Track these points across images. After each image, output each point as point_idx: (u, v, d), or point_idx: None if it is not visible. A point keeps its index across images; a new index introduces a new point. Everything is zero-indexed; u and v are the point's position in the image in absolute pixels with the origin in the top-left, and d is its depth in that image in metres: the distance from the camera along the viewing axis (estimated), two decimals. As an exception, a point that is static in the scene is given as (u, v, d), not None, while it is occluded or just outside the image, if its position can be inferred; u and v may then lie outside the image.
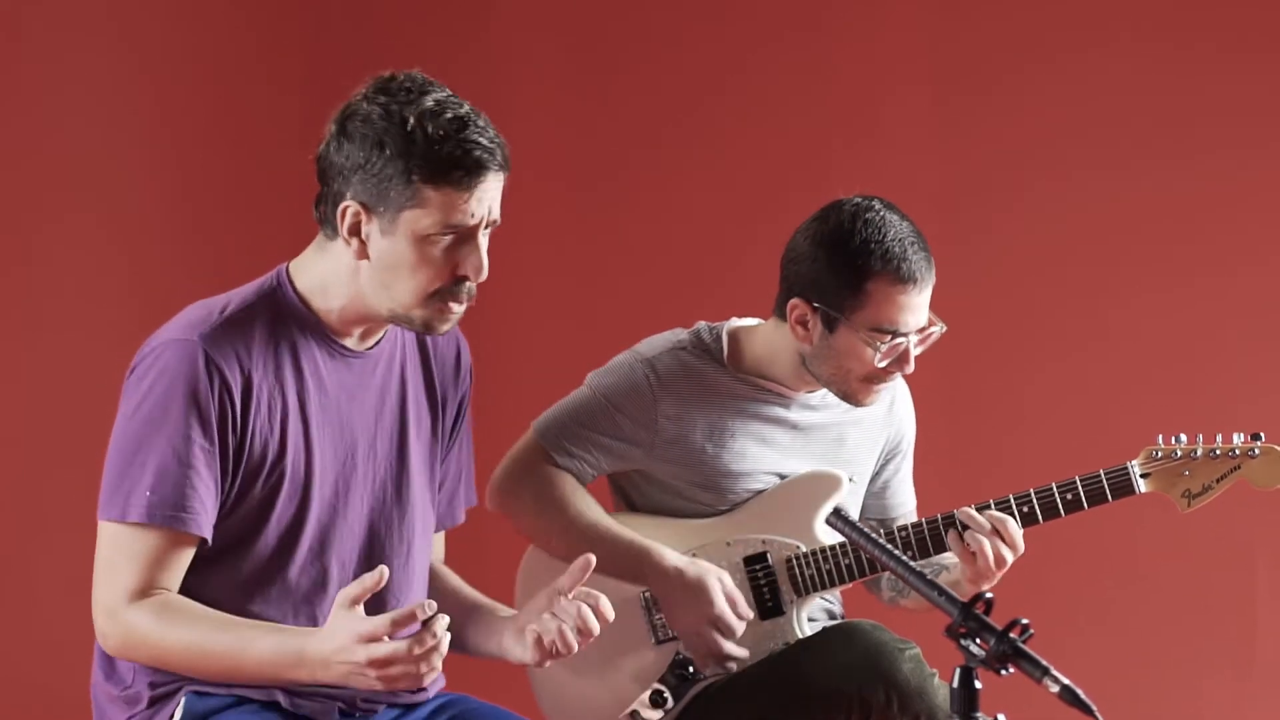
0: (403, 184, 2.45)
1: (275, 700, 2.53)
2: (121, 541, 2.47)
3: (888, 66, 4.52)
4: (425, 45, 4.41)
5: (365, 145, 2.46)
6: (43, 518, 4.16)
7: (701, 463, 3.15)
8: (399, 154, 2.45)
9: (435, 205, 2.46)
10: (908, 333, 3.05)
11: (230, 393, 2.48)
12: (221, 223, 4.31)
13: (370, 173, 2.46)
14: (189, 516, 2.45)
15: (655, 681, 3.13)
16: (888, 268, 3.02)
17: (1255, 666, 4.45)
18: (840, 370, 3.08)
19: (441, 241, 2.48)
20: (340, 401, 2.58)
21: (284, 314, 2.55)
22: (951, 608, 2.24)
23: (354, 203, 2.48)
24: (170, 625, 2.45)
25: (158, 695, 2.52)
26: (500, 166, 2.50)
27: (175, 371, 2.47)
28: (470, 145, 2.46)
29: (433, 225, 2.47)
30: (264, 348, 2.52)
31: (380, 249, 2.49)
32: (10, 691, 4.11)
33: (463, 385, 2.75)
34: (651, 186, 4.52)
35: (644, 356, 3.17)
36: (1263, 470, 3.17)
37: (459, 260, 2.50)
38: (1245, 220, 4.46)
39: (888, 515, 3.33)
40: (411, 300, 2.51)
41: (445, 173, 2.45)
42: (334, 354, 2.58)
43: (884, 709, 2.97)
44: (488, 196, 2.50)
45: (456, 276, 2.50)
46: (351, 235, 2.50)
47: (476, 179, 2.47)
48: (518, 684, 3.24)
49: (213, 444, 2.47)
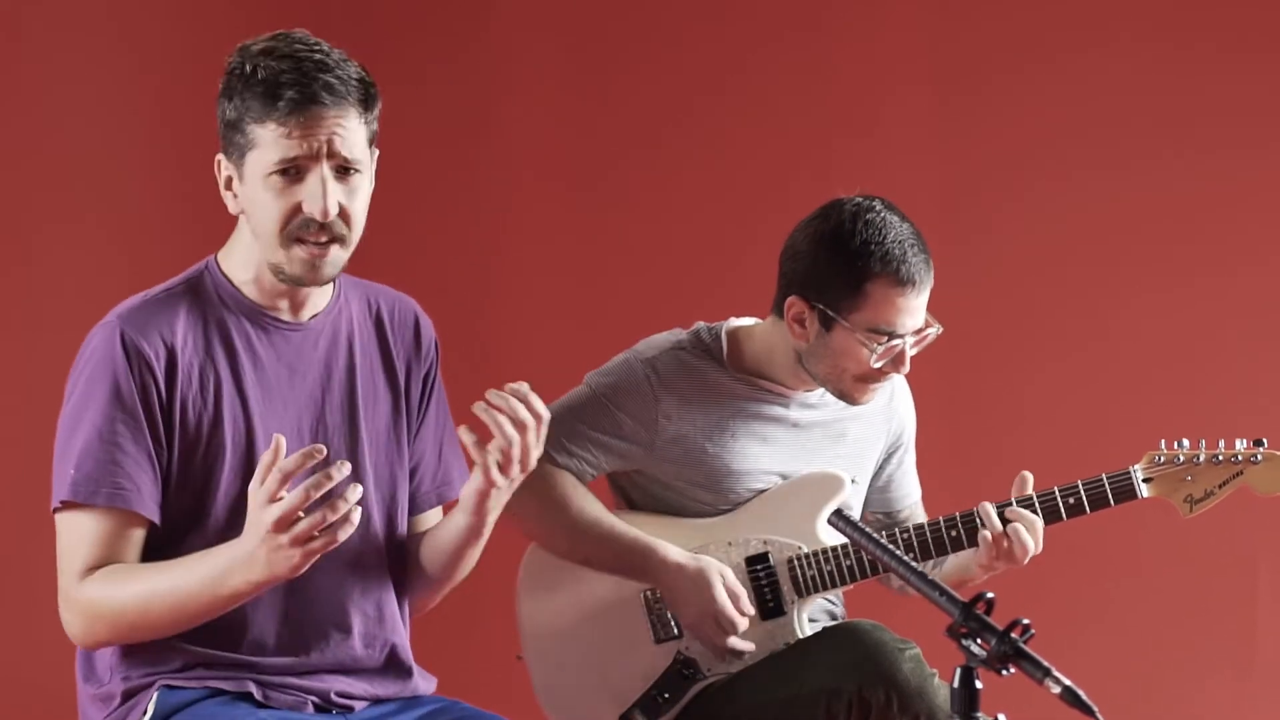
0: (240, 123, 2.50)
1: (248, 691, 2.53)
2: (67, 528, 2.51)
3: (888, 66, 4.51)
4: (425, 45, 4.41)
5: (221, 97, 2.54)
6: (43, 518, 4.15)
7: (702, 462, 3.15)
8: (237, 95, 2.50)
9: (267, 142, 2.49)
10: (904, 334, 3.05)
11: (151, 368, 2.50)
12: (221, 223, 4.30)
13: (224, 121, 2.53)
14: (119, 492, 2.47)
15: (655, 680, 3.13)
16: (887, 270, 3.02)
17: (1256, 667, 4.45)
18: (836, 369, 3.08)
19: (283, 179, 2.50)
20: (280, 375, 2.59)
21: (210, 294, 2.59)
22: (952, 607, 2.24)
23: (222, 157, 2.55)
24: (119, 584, 2.46)
25: (131, 690, 2.54)
26: (338, 98, 2.49)
27: (98, 355, 2.51)
28: (295, 75, 2.48)
29: (269, 163, 2.49)
30: (190, 325, 2.55)
31: (244, 198, 2.55)
32: (10, 691, 4.10)
33: (426, 359, 2.74)
34: (651, 186, 4.52)
35: (644, 356, 3.17)
36: (1265, 476, 3.17)
37: (302, 196, 2.50)
38: (1247, 220, 4.46)
39: (893, 508, 3.34)
40: (270, 246, 2.53)
41: (271, 105, 2.47)
42: (266, 327, 2.59)
43: (884, 709, 2.97)
44: (325, 129, 2.48)
45: (301, 214, 2.50)
46: (227, 190, 2.56)
47: (302, 110, 2.47)
48: (511, 690, 3.24)
49: (137, 420, 2.49)
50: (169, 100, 4.29)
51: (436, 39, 4.43)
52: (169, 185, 4.31)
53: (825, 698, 3.00)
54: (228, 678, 2.53)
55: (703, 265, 4.49)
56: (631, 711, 3.12)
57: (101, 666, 2.57)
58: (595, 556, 3.13)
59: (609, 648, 3.16)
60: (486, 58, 4.44)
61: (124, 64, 4.27)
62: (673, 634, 3.15)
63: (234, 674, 2.54)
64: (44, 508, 4.24)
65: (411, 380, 2.71)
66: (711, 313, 3.28)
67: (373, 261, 2.71)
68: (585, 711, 3.16)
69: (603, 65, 4.55)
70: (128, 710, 2.53)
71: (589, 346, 3.34)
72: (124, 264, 4.23)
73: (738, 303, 3.33)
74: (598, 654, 3.16)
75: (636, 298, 4.47)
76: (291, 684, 2.56)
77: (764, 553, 3.16)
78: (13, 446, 4.16)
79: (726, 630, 3.09)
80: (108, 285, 4.19)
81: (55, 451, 2.54)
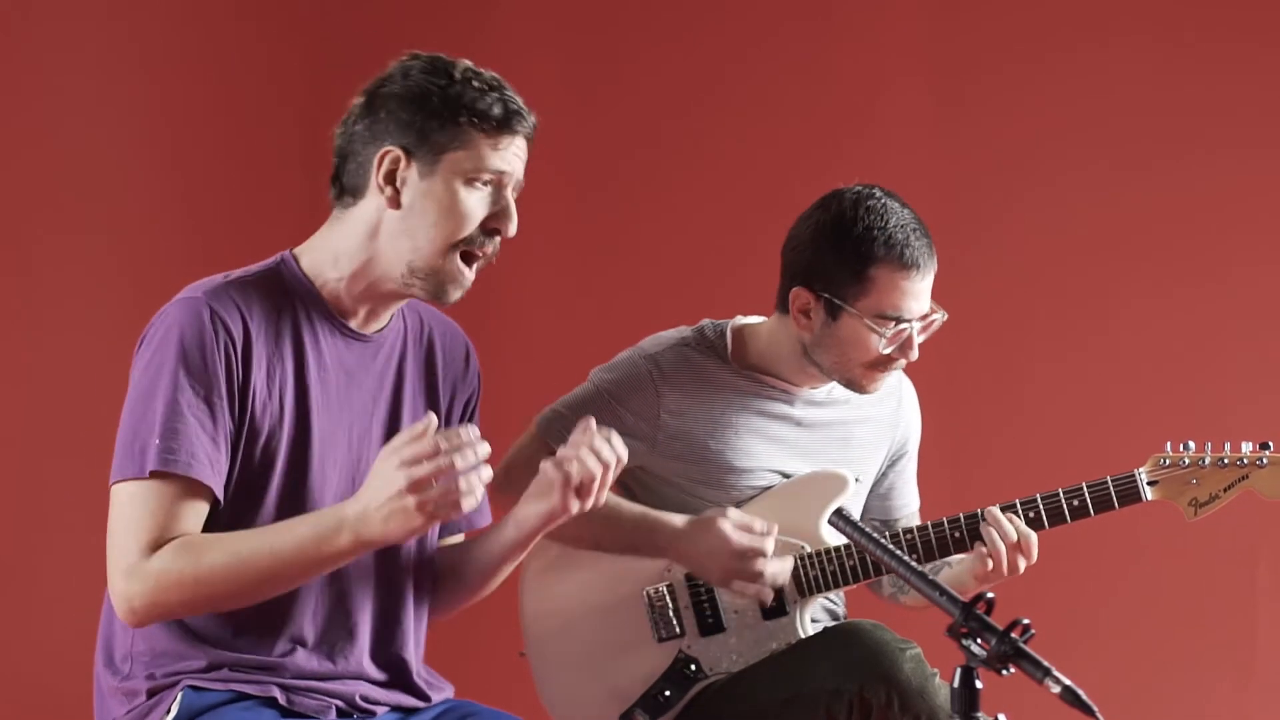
0: (449, 126, 2.51)
1: (272, 696, 2.52)
2: (135, 499, 2.44)
3: (888, 64, 4.52)
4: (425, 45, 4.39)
5: (408, 99, 2.52)
6: (43, 517, 4.16)
7: (705, 459, 3.15)
8: (446, 100, 2.51)
9: (479, 148, 2.52)
10: (911, 319, 3.06)
11: (234, 344, 2.48)
12: (221, 223, 4.31)
13: (413, 121, 2.51)
14: (195, 463, 2.44)
15: (657, 679, 3.14)
16: (891, 254, 3.02)
17: (1256, 667, 4.45)
18: (843, 358, 3.08)
19: (479, 188, 2.52)
20: (340, 381, 2.59)
21: (286, 288, 2.57)
22: (953, 608, 2.24)
23: (394, 147, 2.52)
24: (200, 553, 2.42)
25: (155, 688, 2.52)
26: (529, 134, 2.57)
27: (181, 325, 2.47)
28: (511, 98, 2.55)
29: (474, 168, 2.51)
30: (264, 315, 2.53)
31: (416, 193, 2.52)
32: (10, 691, 4.11)
33: (470, 386, 2.75)
34: (652, 185, 4.52)
35: (647, 353, 3.17)
36: (1271, 480, 3.16)
37: (492, 210, 2.54)
38: (1250, 220, 4.46)
39: (891, 516, 3.33)
40: (435, 248, 2.52)
41: (488, 116, 2.51)
42: (335, 331, 2.58)
43: (885, 709, 2.97)
44: (521, 155, 2.56)
45: (487, 228, 2.54)
46: (387, 182, 2.52)
47: (517, 129, 2.54)
48: (512, 688, 3.24)
49: (219, 396, 2.47)
50: (169, 100, 4.30)
51: (436, 39, 4.42)
52: (169, 185, 4.31)
53: (826, 698, 3.00)
54: (253, 681, 2.52)
55: (704, 263, 4.49)
56: (633, 710, 3.12)
57: (120, 655, 2.54)
58: (604, 537, 3.13)
59: (611, 646, 3.16)
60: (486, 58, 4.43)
61: (124, 64, 4.27)
62: (675, 633, 3.15)
63: (259, 676, 2.53)
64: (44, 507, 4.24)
65: (455, 406, 2.73)
66: (714, 310, 3.28)
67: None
68: (587, 709, 3.16)
69: (603, 65, 4.55)
70: (151, 707, 2.51)
71: (590, 346, 3.34)
72: (124, 264, 4.24)
73: (739, 300, 3.33)
74: (600, 652, 3.16)
75: (637, 296, 4.47)
76: (316, 688, 2.55)
77: (767, 551, 3.16)
78: (13, 446, 4.16)
79: (754, 563, 3.06)
80: (108, 285, 4.22)
81: (126, 423, 2.48)
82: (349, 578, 2.57)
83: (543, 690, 3.20)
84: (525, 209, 2.59)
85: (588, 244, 4.51)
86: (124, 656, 2.54)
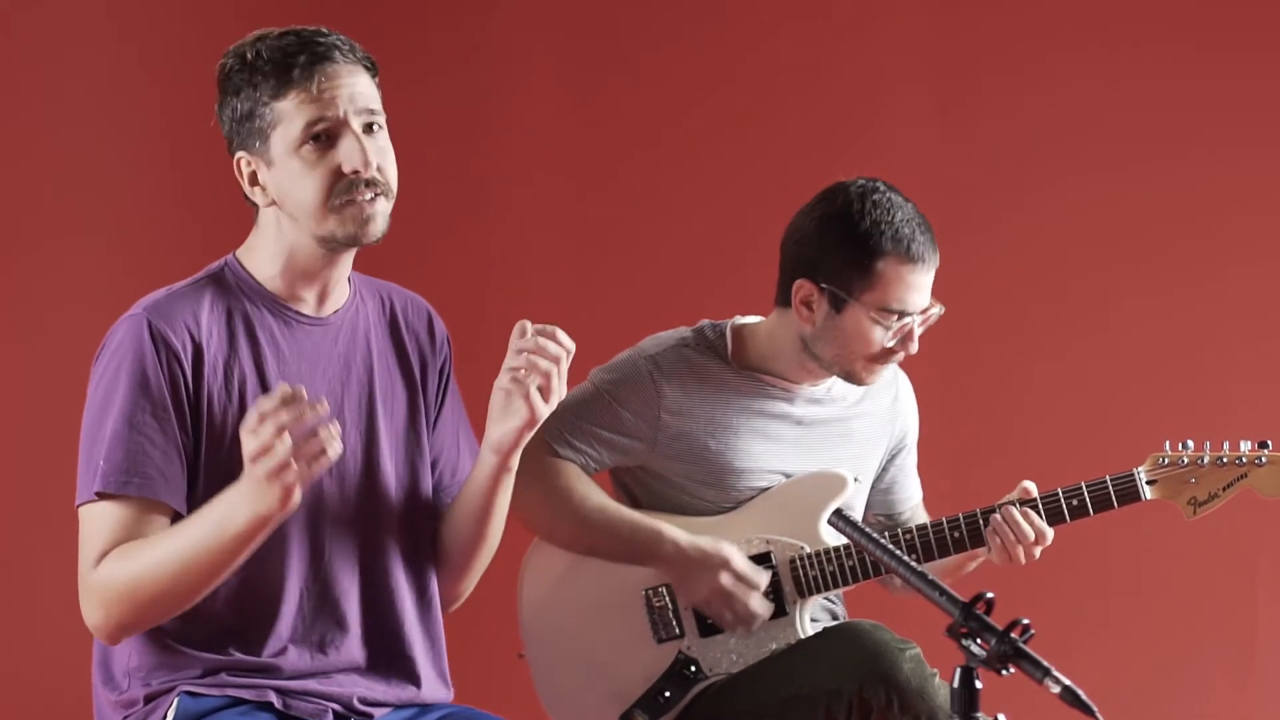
0: (257, 109, 2.51)
1: (268, 701, 2.52)
2: (92, 522, 2.47)
3: (888, 65, 4.51)
4: (425, 45, 4.41)
5: (226, 100, 2.54)
6: (43, 517, 4.15)
7: (705, 459, 3.15)
8: (247, 85, 2.51)
9: (292, 113, 2.50)
10: (914, 313, 3.07)
11: (179, 359, 2.49)
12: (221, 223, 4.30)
13: (238, 119, 2.53)
14: (145, 481, 2.45)
15: (656, 680, 3.13)
16: (899, 248, 3.03)
17: (1256, 667, 4.45)
18: (845, 351, 3.09)
19: (315, 147, 2.50)
20: (301, 369, 2.59)
21: (232, 288, 2.58)
22: (953, 608, 2.24)
23: (240, 153, 2.54)
24: (130, 558, 2.44)
25: (151, 694, 2.52)
26: (348, 58, 2.52)
27: (125, 346, 2.50)
28: (301, 44, 2.51)
29: (295, 133, 2.50)
30: (214, 319, 2.54)
31: (274, 184, 2.53)
32: (10, 691, 4.11)
33: (440, 355, 2.75)
34: (652, 185, 4.52)
35: (647, 353, 3.17)
36: (1269, 479, 3.17)
37: (339, 158, 2.50)
38: (1251, 220, 4.45)
39: (895, 509, 3.34)
40: (317, 216, 2.51)
41: (283, 79, 2.49)
42: (289, 321, 2.59)
43: (884, 709, 2.97)
44: (342, 86, 2.51)
45: (343, 177, 2.51)
46: (253, 185, 2.55)
47: (317, 70, 2.50)
48: (512, 689, 3.24)
49: (165, 411, 2.48)
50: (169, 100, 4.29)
51: (436, 38, 4.43)
52: (169, 185, 4.31)
53: (826, 698, 3.00)
54: (248, 685, 2.52)
55: (704, 264, 4.49)
56: (633, 711, 3.12)
57: (120, 672, 2.55)
58: (601, 544, 3.13)
59: (610, 647, 3.16)
60: (486, 57, 4.44)
61: (124, 64, 4.27)
62: (674, 634, 3.15)
63: (254, 679, 2.53)
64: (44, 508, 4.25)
65: (428, 376, 2.72)
66: (713, 311, 3.28)
67: (374, 260, 2.71)
68: (586, 711, 3.16)
69: (602, 66, 4.54)
70: (147, 714, 2.52)
71: (590, 345, 3.33)
72: (123, 264, 4.23)
73: (738, 300, 3.33)
74: (599, 653, 3.16)
75: (637, 296, 4.47)
76: (312, 690, 2.56)
77: (766, 552, 3.15)
78: (13, 446, 4.16)
79: (739, 614, 3.08)
80: (107, 285, 4.22)
81: (82, 444, 2.51)
82: (331, 568, 2.57)
83: (542, 692, 3.19)
84: (525, 209, 2.59)
85: (587, 244, 4.51)
86: (123, 673, 2.55)
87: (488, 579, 2.85)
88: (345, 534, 2.60)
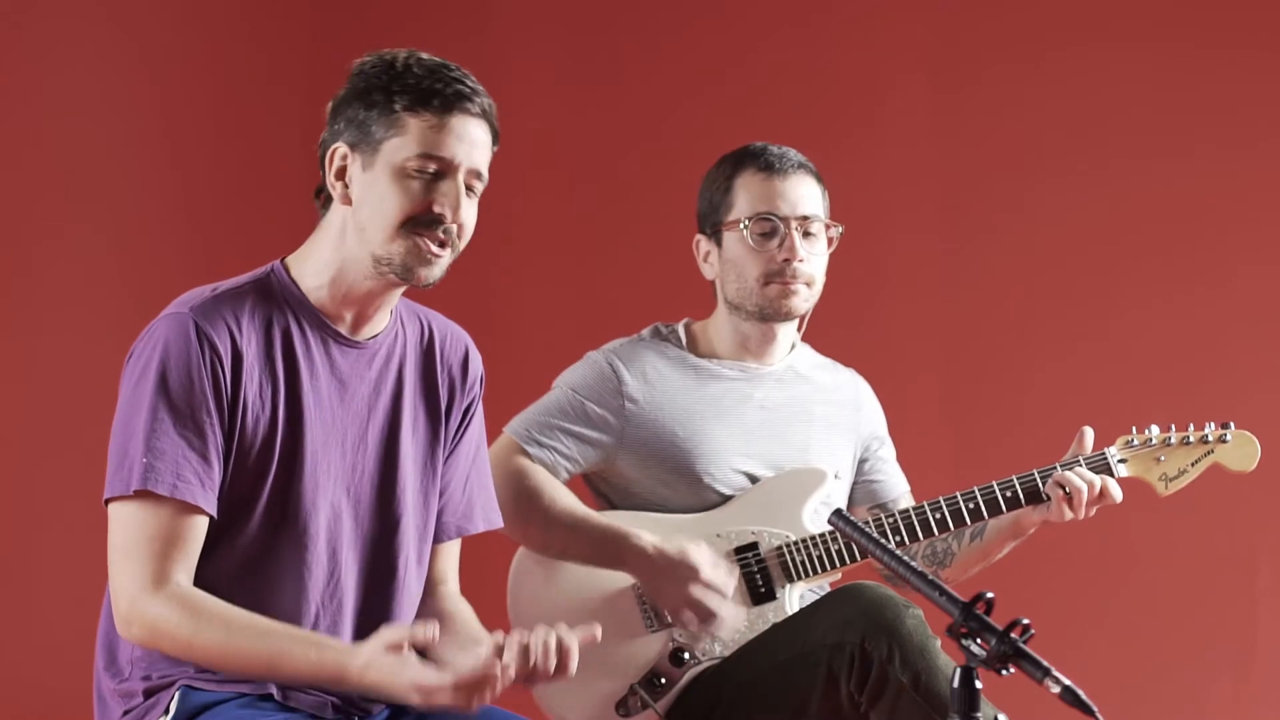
0: (385, 115, 2.50)
1: (269, 693, 2.52)
2: (132, 521, 2.45)
3: (888, 64, 4.51)
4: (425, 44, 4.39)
5: (353, 97, 2.53)
6: (42, 517, 4.16)
7: (674, 446, 3.19)
8: (382, 88, 2.50)
9: (414, 133, 2.49)
10: (785, 217, 3.18)
11: (221, 362, 2.48)
12: (220, 223, 4.31)
13: (356, 116, 2.52)
14: (182, 484, 2.44)
15: (650, 668, 3.14)
16: (751, 163, 3.25)
17: (1255, 667, 4.45)
18: (741, 280, 3.22)
19: (420, 175, 2.50)
20: (332, 389, 2.58)
21: (276, 297, 2.56)
22: (952, 607, 2.24)
23: (341, 144, 2.53)
24: (200, 624, 2.43)
25: (151, 688, 2.52)
26: (483, 116, 2.53)
27: (167, 344, 2.47)
28: (451, 80, 2.51)
29: (411, 154, 2.49)
30: (254, 326, 2.53)
31: (361, 186, 2.52)
32: (10, 691, 4.11)
33: (470, 392, 2.74)
34: (652, 184, 4.52)
35: (605, 350, 3.27)
36: (1235, 453, 3.26)
37: (435, 196, 2.50)
38: (1246, 220, 4.46)
39: (883, 499, 3.38)
40: (385, 234, 2.50)
41: (424, 100, 2.49)
42: (327, 339, 2.58)
43: (885, 662, 2.94)
44: (468, 139, 2.52)
45: (431, 211, 2.51)
46: (338, 180, 2.53)
47: (455, 110, 2.50)
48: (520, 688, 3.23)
49: (207, 413, 2.47)
50: (169, 100, 4.30)
51: (436, 38, 4.42)
52: (169, 185, 4.31)
53: (827, 653, 2.98)
54: (249, 679, 2.51)
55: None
56: (634, 688, 3.13)
57: (123, 659, 2.55)
58: (570, 547, 3.14)
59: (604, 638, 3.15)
60: (486, 57, 4.45)
61: (124, 64, 4.27)
62: (666, 622, 3.16)
63: None
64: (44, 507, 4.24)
65: (453, 409, 2.71)
66: (710, 310, 3.30)
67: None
68: (581, 700, 3.17)
69: (602, 64, 4.55)
70: (148, 708, 2.52)
71: (590, 345, 3.35)
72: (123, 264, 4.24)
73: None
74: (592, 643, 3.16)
75: (637, 296, 4.47)
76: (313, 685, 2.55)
77: (753, 542, 3.17)
78: (13, 446, 4.16)
79: (705, 620, 3.09)
80: (107, 285, 4.22)
81: (115, 440, 2.48)
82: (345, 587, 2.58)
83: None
84: (525, 208, 2.59)
85: (587, 243, 4.51)
86: (127, 660, 2.55)
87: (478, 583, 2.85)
88: (361, 556, 2.61)
